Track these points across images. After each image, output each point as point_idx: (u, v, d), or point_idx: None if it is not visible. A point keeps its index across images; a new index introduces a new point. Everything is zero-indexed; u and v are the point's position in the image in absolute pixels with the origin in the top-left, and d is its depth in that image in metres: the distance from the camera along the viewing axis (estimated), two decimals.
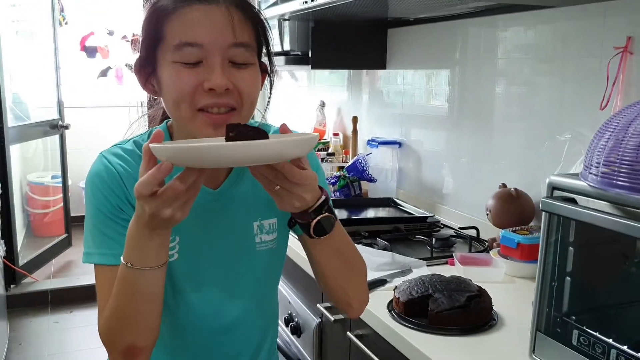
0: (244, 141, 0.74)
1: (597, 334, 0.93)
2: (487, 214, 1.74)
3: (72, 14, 5.60)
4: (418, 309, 1.28)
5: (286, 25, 2.49)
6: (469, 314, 1.24)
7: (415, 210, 2.07)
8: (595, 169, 0.89)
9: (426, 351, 1.16)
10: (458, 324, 1.23)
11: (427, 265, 1.61)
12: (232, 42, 0.88)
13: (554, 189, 0.98)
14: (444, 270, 1.55)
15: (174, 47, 0.88)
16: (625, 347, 0.90)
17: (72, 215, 4.74)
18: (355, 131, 2.74)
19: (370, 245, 1.71)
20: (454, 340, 1.21)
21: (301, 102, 3.50)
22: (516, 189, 1.70)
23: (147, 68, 0.94)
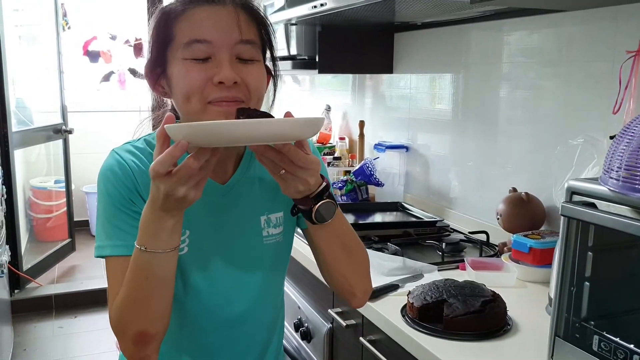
0: (256, 119, 0.80)
1: (618, 340, 0.93)
2: (498, 218, 1.73)
3: (75, 18, 5.61)
4: (432, 314, 1.28)
5: (293, 29, 2.49)
6: (484, 319, 1.24)
7: (424, 215, 2.07)
8: (615, 174, 0.89)
9: (441, 356, 1.15)
10: (473, 329, 1.23)
11: (439, 270, 1.61)
12: (238, 39, 0.92)
13: (572, 193, 0.97)
14: (455, 275, 1.55)
15: (184, 45, 0.92)
16: None
17: (76, 219, 4.73)
18: (362, 135, 2.74)
19: (380, 250, 1.71)
20: (469, 346, 1.20)
21: (305, 106, 3.49)
22: (527, 193, 1.70)
23: (157, 69, 0.97)
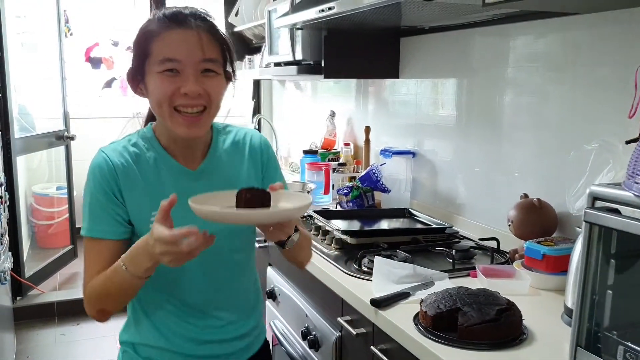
0: (268, 209, 1.08)
1: None
2: (509, 225, 1.71)
3: (77, 24, 5.60)
4: (446, 323, 1.25)
5: (298, 34, 2.47)
6: (499, 328, 1.21)
7: (432, 221, 2.04)
8: None
9: None
10: (488, 338, 1.20)
11: (449, 278, 1.58)
12: (202, 57, 1.14)
13: (595, 199, 0.95)
14: (466, 283, 1.52)
15: (158, 62, 1.14)
16: None
17: (78, 226, 4.69)
18: (367, 141, 2.71)
19: (390, 257, 1.68)
20: (485, 356, 1.17)
21: (309, 112, 3.47)
22: (539, 199, 1.67)
23: (137, 76, 1.20)
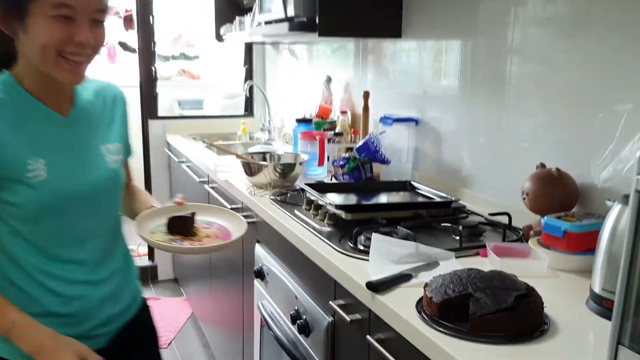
0: (209, 245, 1.35)
1: None
2: (524, 198, 1.52)
3: None
4: (455, 311, 1.07)
5: None
6: (517, 317, 1.03)
7: (436, 195, 1.86)
8: None
9: None
10: (505, 329, 1.02)
11: (456, 257, 1.41)
12: (97, 7, 1.14)
13: None
14: (474, 263, 1.35)
15: (51, 5, 1.09)
16: None
17: None
18: (366, 107, 2.51)
19: (389, 234, 1.49)
20: (501, 350, 1.00)
21: (304, 79, 3.27)
22: (558, 169, 1.48)
23: (11, 10, 1.11)
